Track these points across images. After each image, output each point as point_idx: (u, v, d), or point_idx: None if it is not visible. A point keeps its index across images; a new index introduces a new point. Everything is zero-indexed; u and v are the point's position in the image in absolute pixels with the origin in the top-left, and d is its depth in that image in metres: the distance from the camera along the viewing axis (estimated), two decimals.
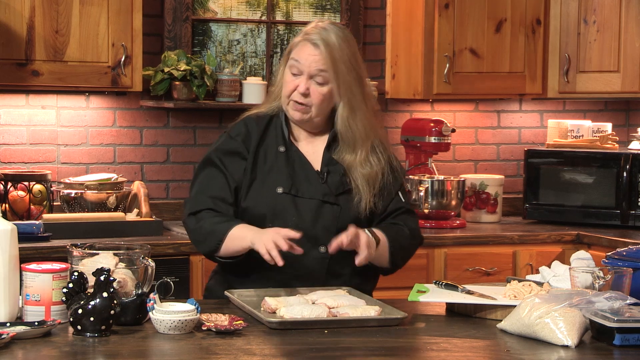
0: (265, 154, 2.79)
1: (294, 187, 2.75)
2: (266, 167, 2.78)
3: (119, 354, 2.15)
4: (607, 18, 4.55)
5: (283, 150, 2.80)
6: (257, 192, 2.76)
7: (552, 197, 4.56)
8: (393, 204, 2.83)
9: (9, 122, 4.29)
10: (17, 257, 2.38)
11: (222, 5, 4.59)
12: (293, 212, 2.74)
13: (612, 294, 2.31)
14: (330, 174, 2.78)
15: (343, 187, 2.77)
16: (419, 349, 2.25)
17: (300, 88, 2.74)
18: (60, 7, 4.00)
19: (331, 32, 2.75)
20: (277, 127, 2.83)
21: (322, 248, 2.73)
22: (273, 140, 2.81)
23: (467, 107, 4.92)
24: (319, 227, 2.73)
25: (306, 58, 2.74)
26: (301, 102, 2.75)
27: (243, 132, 2.81)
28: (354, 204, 2.77)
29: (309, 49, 2.74)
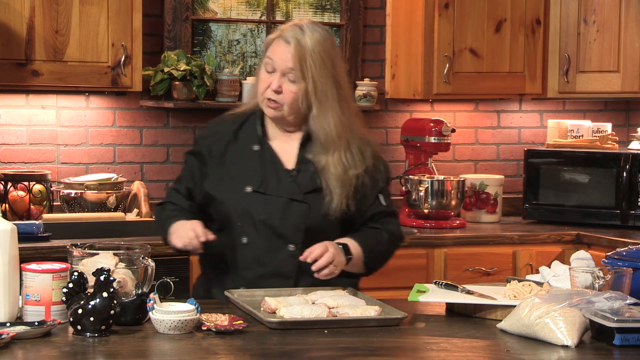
0: (239, 153, 2.81)
1: (262, 185, 2.76)
2: (238, 166, 2.79)
3: (119, 354, 2.15)
4: (607, 18, 4.55)
5: (257, 148, 2.81)
6: (227, 190, 2.78)
7: (552, 197, 4.56)
8: (373, 207, 2.81)
9: (9, 122, 4.29)
10: (17, 257, 2.38)
11: (222, 5, 4.59)
12: (261, 210, 2.74)
13: (612, 294, 2.31)
14: (301, 173, 2.78)
15: (312, 185, 2.77)
16: (419, 349, 2.25)
17: (273, 85, 2.75)
18: (60, 7, 4.00)
19: (306, 31, 2.74)
20: (252, 126, 2.84)
21: (291, 246, 2.74)
22: (248, 139, 2.83)
23: (467, 107, 4.92)
24: (287, 225, 2.74)
25: (279, 56, 2.75)
26: (274, 99, 2.76)
27: (214, 132, 2.86)
28: (324, 204, 2.75)
29: (281, 47, 2.75)
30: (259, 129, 2.83)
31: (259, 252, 2.72)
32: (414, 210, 4.42)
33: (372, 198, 2.81)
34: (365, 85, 4.65)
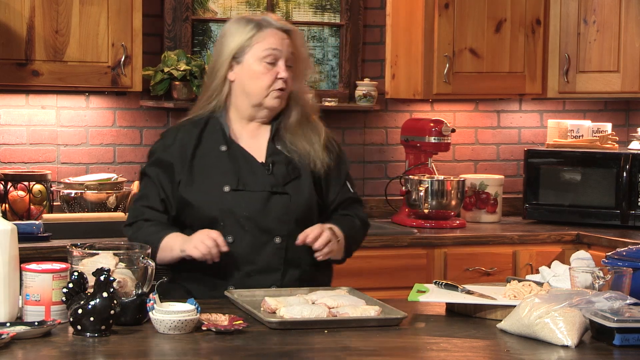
0: (205, 156, 2.80)
1: (240, 183, 2.76)
2: (208, 169, 2.78)
3: (119, 354, 2.15)
4: (607, 18, 4.55)
5: (225, 149, 2.80)
6: (203, 194, 2.76)
7: (552, 197, 4.56)
8: (341, 194, 2.87)
9: (9, 122, 4.29)
10: (17, 257, 2.38)
11: (222, 5, 4.59)
12: (243, 207, 2.75)
13: (612, 294, 2.31)
14: (276, 165, 2.80)
15: (290, 175, 2.79)
16: (419, 349, 2.25)
17: (283, 74, 2.78)
18: (60, 7, 4.00)
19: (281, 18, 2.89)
20: (215, 128, 2.83)
21: (277, 239, 2.75)
22: (212, 142, 2.82)
23: (467, 107, 4.92)
24: (271, 218, 2.75)
25: (282, 43, 2.79)
26: (283, 88, 2.79)
27: (178, 140, 2.82)
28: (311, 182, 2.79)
29: (280, 35, 2.80)
30: (225, 130, 2.83)
31: (246, 249, 2.73)
32: (414, 210, 4.43)
33: (339, 185, 2.87)
34: (365, 85, 4.65)
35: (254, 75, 2.80)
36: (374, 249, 4.04)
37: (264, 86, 2.79)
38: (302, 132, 2.84)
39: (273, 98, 2.79)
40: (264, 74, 2.78)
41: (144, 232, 2.75)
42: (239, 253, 2.73)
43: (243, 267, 2.73)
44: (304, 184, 2.80)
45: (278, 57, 2.78)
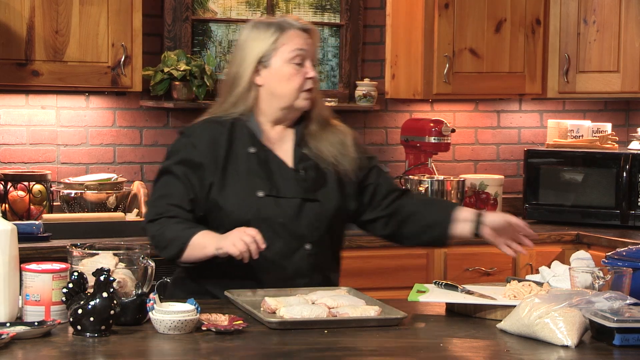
0: (236, 159, 2.75)
1: (274, 189, 2.73)
2: (240, 172, 2.74)
3: (118, 354, 2.15)
4: (606, 18, 4.56)
5: (254, 151, 2.76)
6: (237, 199, 2.71)
7: (552, 197, 4.56)
8: (384, 179, 2.89)
9: (8, 122, 4.29)
10: (17, 257, 2.38)
11: (222, 6, 4.59)
12: (278, 213, 2.72)
13: (612, 294, 2.31)
14: (308, 171, 2.78)
15: (320, 182, 2.78)
16: (418, 349, 2.25)
17: (311, 74, 2.77)
18: (60, 7, 4.00)
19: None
20: (242, 130, 2.78)
21: (308, 245, 2.74)
22: (241, 144, 2.77)
23: (466, 107, 4.92)
24: (303, 224, 2.74)
25: (307, 44, 2.79)
26: (312, 88, 2.79)
27: (208, 139, 2.75)
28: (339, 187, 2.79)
29: (304, 36, 2.80)
30: (255, 132, 2.79)
31: (277, 255, 2.69)
32: None
33: (377, 171, 2.88)
34: (365, 85, 4.65)
35: (283, 77, 2.76)
36: (373, 249, 4.04)
37: (294, 88, 2.76)
38: (326, 137, 2.82)
39: (304, 99, 2.77)
40: (293, 76, 2.76)
41: (171, 229, 2.65)
42: (270, 259, 2.68)
43: (273, 273, 2.70)
44: (332, 190, 2.79)
45: (305, 57, 2.77)
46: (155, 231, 2.68)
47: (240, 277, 2.70)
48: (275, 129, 2.82)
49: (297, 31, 2.78)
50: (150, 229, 2.70)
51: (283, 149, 2.81)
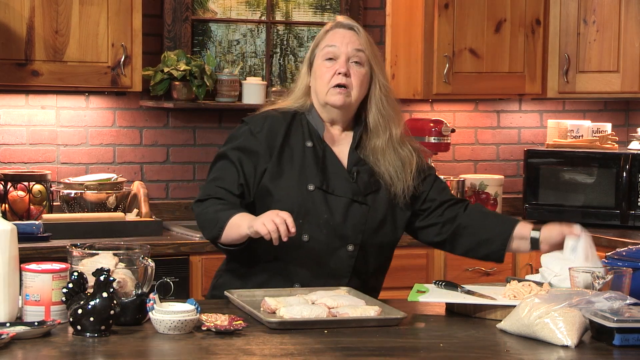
0: (292, 150, 2.77)
1: (325, 184, 2.74)
2: (294, 163, 2.76)
3: (118, 354, 2.15)
4: (606, 18, 4.56)
5: (310, 145, 2.78)
6: (288, 188, 2.74)
7: (552, 197, 4.56)
8: (442, 189, 2.86)
9: (8, 122, 4.29)
10: (17, 257, 2.38)
11: (222, 6, 4.59)
12: (324, 209, 2.73)
13: (611, 294, 2.31)
14: (360, 174, 2.78)
15: (372, 187, 2.78)
16: (418, 349, 2.25)
17: (341, 69, 2.75)
18: (60, 7, 4.00)
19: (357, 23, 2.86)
20: (302, 123, 2.81)
21: (350, 247, 2.74)
22: (299, 137, 2.79)
23: (466, 107, 4.92)
24: (348, 225, 2.73)
25: (342, 40, 2.77)
26: (343, 84, 2.75)
27: (266, 128, 2.78)
28: (388, 199, 2.78)
29: (343, 32, 2.79)
30: (317, 126, 2.80)
31: (319, 250, 2.70)
32: None
33: (432, 179, 2.86)
34: None
35: (317, 74, 2.79)
36: None
37: (324, 82, 2.77)
38: (389, 154, 2.80)
39: (334, 95, 2.76)
40: (323, 71, 2.77)
41: (213, 209, 2.67)
42: (311, 253, 2.70)
43: (312, 268, 2.71)
44: (382, 198, 2.78)
45: (337, 54, 2.77)
46: (200, 211, 2.71)
47: (280, 268, 2.72)
48: (333, 128, 2.83)
49: (336, 29, 2.80)
50: (196, 208, 2.74)
51: (340, 149, 2.82)
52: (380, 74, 2.81)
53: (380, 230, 2.77)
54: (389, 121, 2.81)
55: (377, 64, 2.80)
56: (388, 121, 2.81)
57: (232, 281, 2.79)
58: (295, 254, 2.70)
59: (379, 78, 2.80)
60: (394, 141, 2.81)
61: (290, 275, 2.72)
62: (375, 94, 2.80)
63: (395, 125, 2.82)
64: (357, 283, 2.75)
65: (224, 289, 2.74)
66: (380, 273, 2.86)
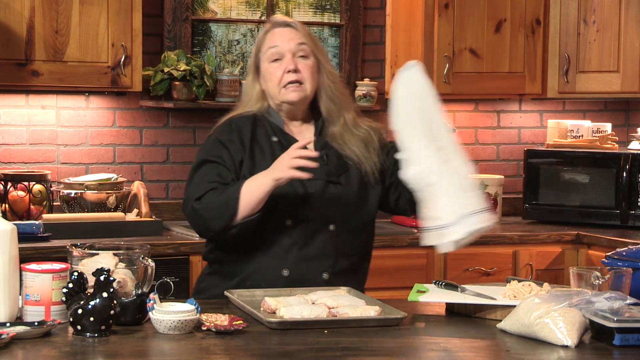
0: (261, 146, 2.82)
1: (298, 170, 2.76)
2: (265, 156, 2.80)
3: (118, 354, 2.15)
4: (606, 18, 4.55)
5: (276, 139, 2.83)
6: None
7: (552, 197, 4.56)
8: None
9: (8, 122, 4.29)
10: (17, 257, 2.38)
11: (222, 6, 4.59)
12: (302, 192, 2.77)
13: (611, 294, 2.31)
14: (329, 157, 2.83)
15: (343, 167, 2.83)
16: (418, 349, 2.25)
17: (290, 66, 2.79)
18: (60, 7, 4.00)
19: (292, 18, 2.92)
20: (264, 123, 2.86)
21: (332, 226, 2.78)
22: (264, 134, 2.84)
23: (466, 107, 4.92)
24: (326, 205, 2.77)
25: (282, 39, 2.82)
26: (295, 80, 2.80)
27: (234, 128, 2.84)
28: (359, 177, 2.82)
29: (282, 31, 2.83)
30: (277, 122, 2.85)
31: (302, 234, 2.74)
32: None
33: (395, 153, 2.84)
34: (365, 85, 4.65)
35: (267, 77, 2.84)
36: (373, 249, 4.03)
37: (276, 83, 2.82)
38: (349, 139, 2.85)
39: (288, 92, 2.81)
40: (272, 73, 2.82)
41: (215, 194, 2.70)
42: (295, 238, 2.75)
43: (298, 252, 2.74)
44: (353, 177, 2.83)
45: (281, 53, 2.81)
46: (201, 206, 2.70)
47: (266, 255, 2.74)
48: (293, 124, 2.89)
49: (274, 29, 2.85)
50: (196, 205, 2.71)
51: (305, 138, 2.85)
52: (326, 63, 2.87)
53: (357, 208, 2.82)
54: (341, 107, 2.87)
55: (321, 54, 2.86)
56: (340, 107, 2.87)
57: (216, 282, 2.81)
58: (280, 241, 2.74)
59: (325, 67, 2.86)
60: (349, 125, 2.86)
61: (276, 262, 2.74)
62: (324, 83, 2.86)
63: (346, 109, 2.88)
64: (343, 265, 2.77)
65: (207, 292, 2.78)
66: (363, 256, 2.88)
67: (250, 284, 2.72)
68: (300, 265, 2.73)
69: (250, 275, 2.76)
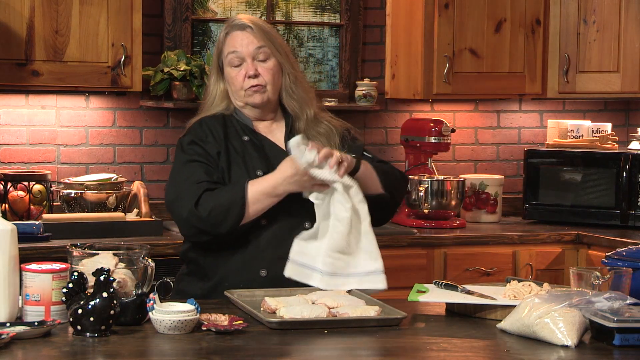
0: (233, 146, 2.84)
1: (271, 168, 2.78)
2: (238, 155, 2.82)
3: (118, 354, 2.15)
4: (606, 18, 4.55)
5: (247, 139, 2.85)
6: (239, 176, 2.79)
7: (552, 197, 4.56)
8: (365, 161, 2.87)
9: (8, 122, 4.29)
10: (17, 257, 2.38)
11: (222, 6, 4.59)
12: None
13: (611, 294, 2.31)
14: None
15: None
16: (418, 349, 2.25)
17: (249, 71, 2.82)
18: (60, 7, 4.00)
19: (250, 16, 2.91)
20: (233, 123, 2.88)
21: (307, 224, 2.77)
22: (234, 134, 2.86)
23: (466, 107, 4.92)
24: (301, 203, 2.76)
25: (241, 43, 2.83)
26: (255, 84, 2.82)
27: (205, 128, 2.84)
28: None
29: (240, 35, 2.85)
30: (245, 122, 2.88)
31: (278, 232, 2.75)
32: (414, 211, 4.43)
33: (355, 149, 2.88)
34: (365, 85, 4.65)
35: (230, 81, 2.88)
36: None
37: (238, 87, 2.86)
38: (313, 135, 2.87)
39: (251, 95, 2.85)
40: (233, 77, 2.86)
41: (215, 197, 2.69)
42: (271, 236, 2.75)
43: (274, 251, 2.74)
44: None
45: (242, 57, 2.84)
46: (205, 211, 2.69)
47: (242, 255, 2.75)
48: (262, 123, 2.92)
49: (234, 33, 2.87)
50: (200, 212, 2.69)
51: (276, 137, 2.89)
52: (286, 62, 2.88)
53: None
54: (303, 104, 2.89)
55: (281, 54, 2.87)
56: (302, 104, 2.89)
57: (194, 282, 2.82)
58: (256, 240, 2.74)
59: (285, 67, 2.87)
60: (310, 121, 2.89)
61: (253, 262, 2.75)
62: (285, 83, 2.88)
63: (308, 106, 2.90)
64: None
65: (185, 292, 2.78)
66: None
67: (228, 284, 2.72)
68: (277, 264, 2.72)
69: (227, 275, 2.76)
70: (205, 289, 2.77)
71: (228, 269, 2.77)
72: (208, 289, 2.76)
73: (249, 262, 2.75)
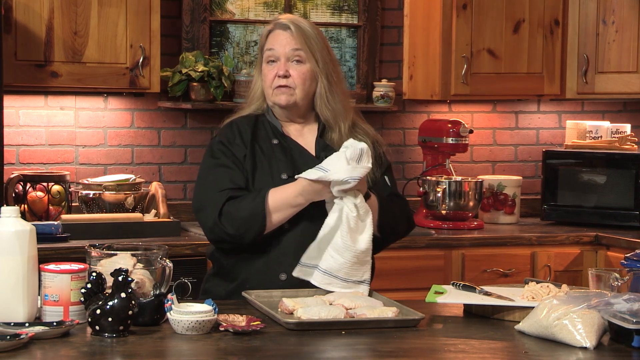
0: (261, 148, 2.84)
1: (296, 172, 2.77)
2: (265, 158, 2.82)
3: (136, 354, 2.15)
4: (625, 18, 4.53)
5: (276, 142, 2.85)
6: (262, 180, 2.79)
7: (571, 198, 4.54)
8: (379, 188, 2.86)
9: (28, 123, 4.31)
10: (36, 257, 2.39)
11: (240, 7, 4.59)
12: None
13: (631, 296, 2.30)
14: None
15: None
16: (436, 351, 2.25)
17: (280, 71, 2.81)
18: (79, 8, 4.02)
19: (298, 17, 2.89)
20: (264, 124, 2.88)
21: None
22: (264, 136, 2.86)
23: (484, 108, 4.91)
24: (323, 208, 2.75)
25: (279, 42, 2.83)
26: (284, 85, 2.81)
27: (235, 130, 2.86)
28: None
29: (279, 34, 2.84)
30: (275, 124, 2.87)
31: (299, 236, 2.74)
32: (432, 212, 4.42)
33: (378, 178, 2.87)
34: (383, 86, 4.65)
35: (262, 77, 2.88)
36: (391, 250, 4.01)
37: (268, 85, 2.85)
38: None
39: (277, 95, 2.83)
40: (266, 74, 2.86)
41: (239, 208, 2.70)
42: (292, 240, 2.75)
43: (295, 256, 2.73)
44: None
45: (276, 56, 2.83)
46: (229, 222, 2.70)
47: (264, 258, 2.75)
48: (292, 125, 2.90)
49: (274, 32, 2.86)
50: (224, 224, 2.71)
51: (306, 140, 2.88)
52: (323, 69, 2.83)
53: None
54: (337, 116, 2.86)
55: (319, 60, 2.83)
56: (336, 116, 2.86)
57: (218, 284, 2.84)
58: (278, 244, 2.75)
59: (322, 74, 2.84)
60: (343, 135, 2.84)
61: (274, 265, 2.75)
62: (319, 90, 2.85)
63: (343, 119, 2.86)
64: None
65: (211, 292, 2.80)
66: None
67: (249, 287, 2.72)
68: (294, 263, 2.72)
69: (248, 278, 2.77)
70: (229, 290, 2.78)
71: (250, 272, 2.78)
72: (231, 290, 2.77)
73: (270, 266, 2.75)
